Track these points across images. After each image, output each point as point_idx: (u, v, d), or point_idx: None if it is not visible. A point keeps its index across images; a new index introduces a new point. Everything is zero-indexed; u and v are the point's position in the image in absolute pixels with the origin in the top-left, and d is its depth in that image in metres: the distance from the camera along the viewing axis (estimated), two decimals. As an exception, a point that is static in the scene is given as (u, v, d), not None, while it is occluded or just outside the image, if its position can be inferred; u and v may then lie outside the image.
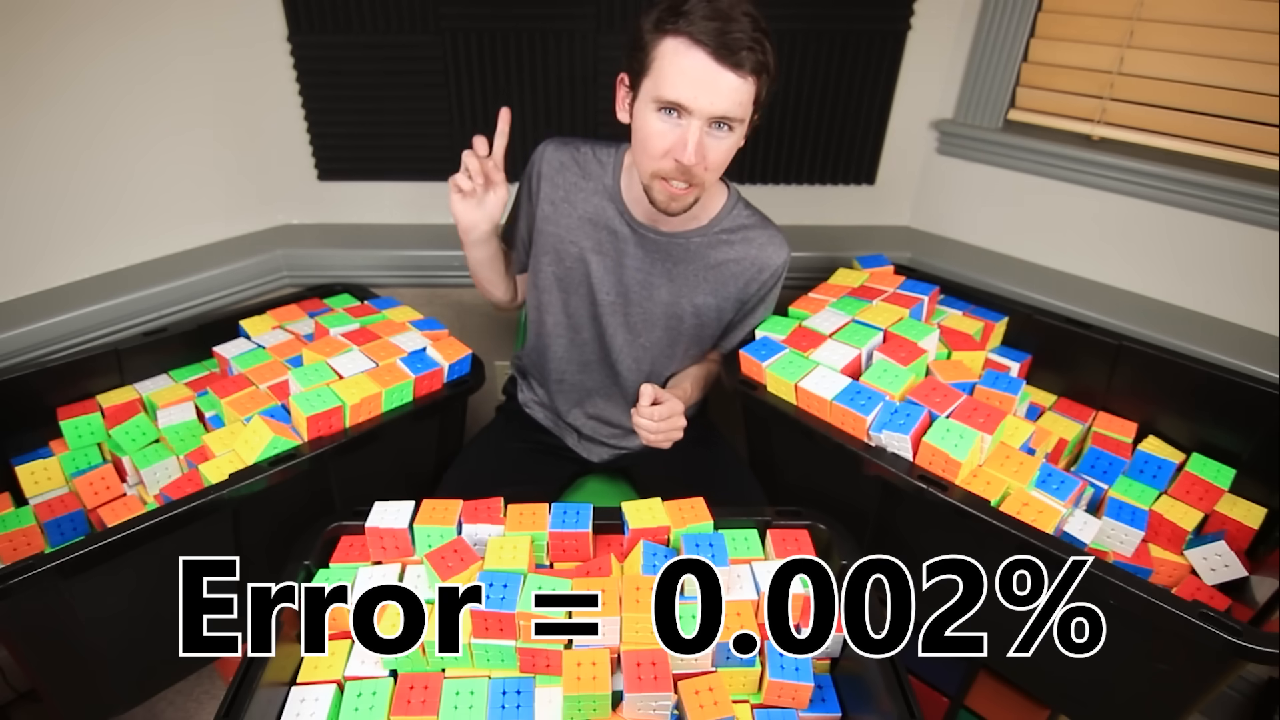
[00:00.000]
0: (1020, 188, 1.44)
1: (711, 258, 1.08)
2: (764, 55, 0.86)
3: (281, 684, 0.76)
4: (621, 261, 1.08)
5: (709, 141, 0.89)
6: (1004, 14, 1.36)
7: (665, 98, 0.87)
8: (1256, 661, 0.74)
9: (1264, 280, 1.23)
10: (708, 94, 0.85)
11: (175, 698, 1.41)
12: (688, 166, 0.89)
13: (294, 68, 1.42)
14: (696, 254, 1.07)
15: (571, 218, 1.07)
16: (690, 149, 0.87)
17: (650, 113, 0.89)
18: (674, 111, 0.88)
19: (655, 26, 0.87)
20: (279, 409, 1.08)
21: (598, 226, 1.06)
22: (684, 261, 1.07)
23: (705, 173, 0.92)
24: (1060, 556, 0.82)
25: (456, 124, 1.48)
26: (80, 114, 1.25)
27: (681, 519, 0.85)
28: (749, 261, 1.09)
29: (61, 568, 0.81)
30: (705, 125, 0.88)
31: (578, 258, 1.08)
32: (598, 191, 1.06)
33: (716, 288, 1.10)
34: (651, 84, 0.88)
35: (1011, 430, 0.98)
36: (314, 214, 1.59)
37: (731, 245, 1.08)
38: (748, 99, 0.88)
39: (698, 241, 1.07)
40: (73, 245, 1.32)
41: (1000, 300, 1.27)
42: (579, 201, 1.06)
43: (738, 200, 1.09)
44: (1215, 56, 1.22)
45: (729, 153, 0.92)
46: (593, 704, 0.73)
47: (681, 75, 0.85)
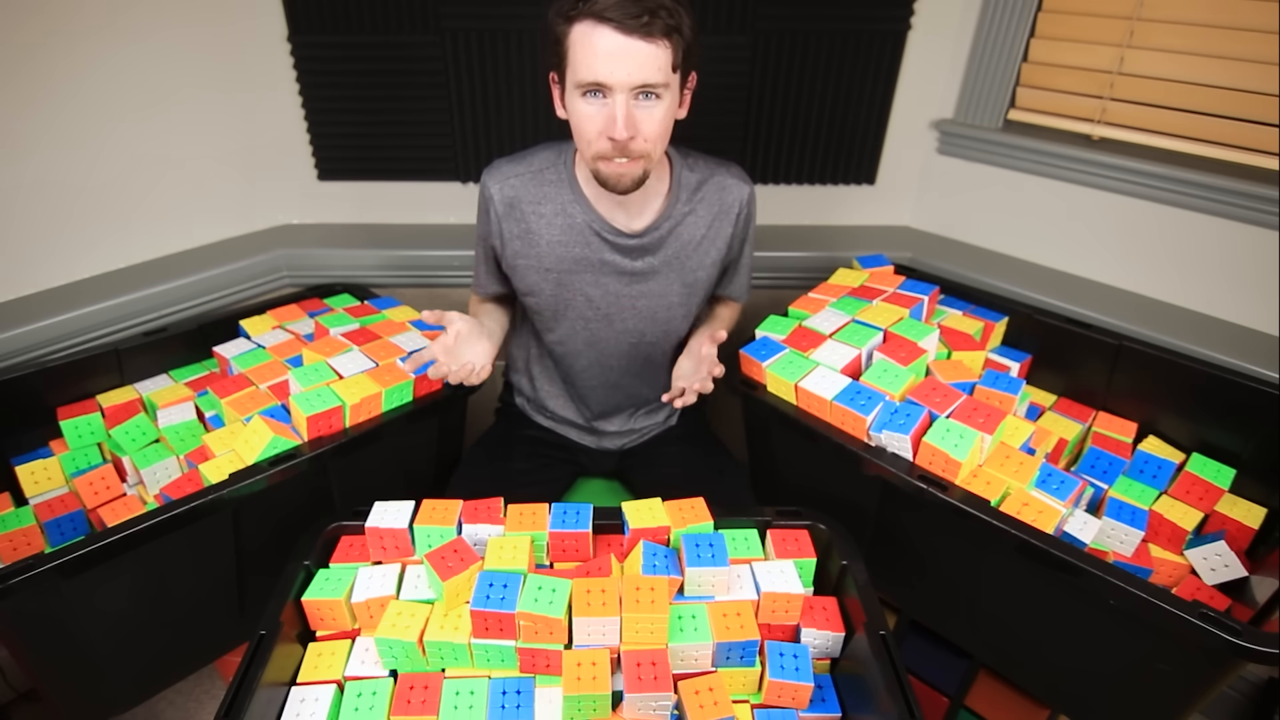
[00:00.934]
0: (1020, 188, 1.44)
1: (685, 236, 1.07)
2: (673, 18, 0.87)
3: (281, 684, 0.76)
4: (603, 271, 1.07)
5: (639, 114, 0.90)
6: (1004, 14, 1.36)
7: (584, 80, 0.88)
8: (1256, 661, 0.74)
9: (1264, 280, 1.23)
10: (623, 66, 0.86)
11: (175, 698, 1.41)
12: (623, 142, 0.90)
13: (294, 68, 1.42)
14: (673, 238, 1.07)
15: (541, 245, 1.06)
16: (620, 123, 0.88)
17: (577, 99, 0.91)
18: (598, 92, 0.89)
19: (563, 16, 0.88)
20: (279, 409, 1.08)
21: (572, 243, 1.05)
22: (662, 249, 1.07)
23: (645, 144, 0.92)
24: (1060, 557, 0.82)
25: (456, 124, 1.48)
26: (80, 114, 1.25)
27: (681, 519, 0.85)
28: (720, 213, 1.08)
29: (61, 568, 0.81)
30: (631, 98, 0.89)
31: (558, 282, 1.08)
32: (560, 212, 1.05)
33: (701, 259, 1.10)
34: (572, 71, 0.90)
35: (1011, 430, 0.98)
36: (314, 214, 1.59)
37: (698, 214, 1.07)
38: (665, 64, 0.88)
39: (668, 226, 1.06)
40: (73, 245, 1.32)
41: (1000, 300, 1.27)
42: (543, 229, 1.05)
43: (682, 163, 1.07)
44: (1215, 56, 1.22)
45: (664, 122, 0.93)
46: (593, 704, 0.73)
47: (594, 55, 0.86)
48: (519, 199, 1.05)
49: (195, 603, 1.00)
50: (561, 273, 1.07)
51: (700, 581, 0.80)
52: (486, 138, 1.50)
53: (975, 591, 0.98)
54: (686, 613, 0.78)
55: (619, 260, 1.06)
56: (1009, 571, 0.91)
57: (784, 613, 0.81)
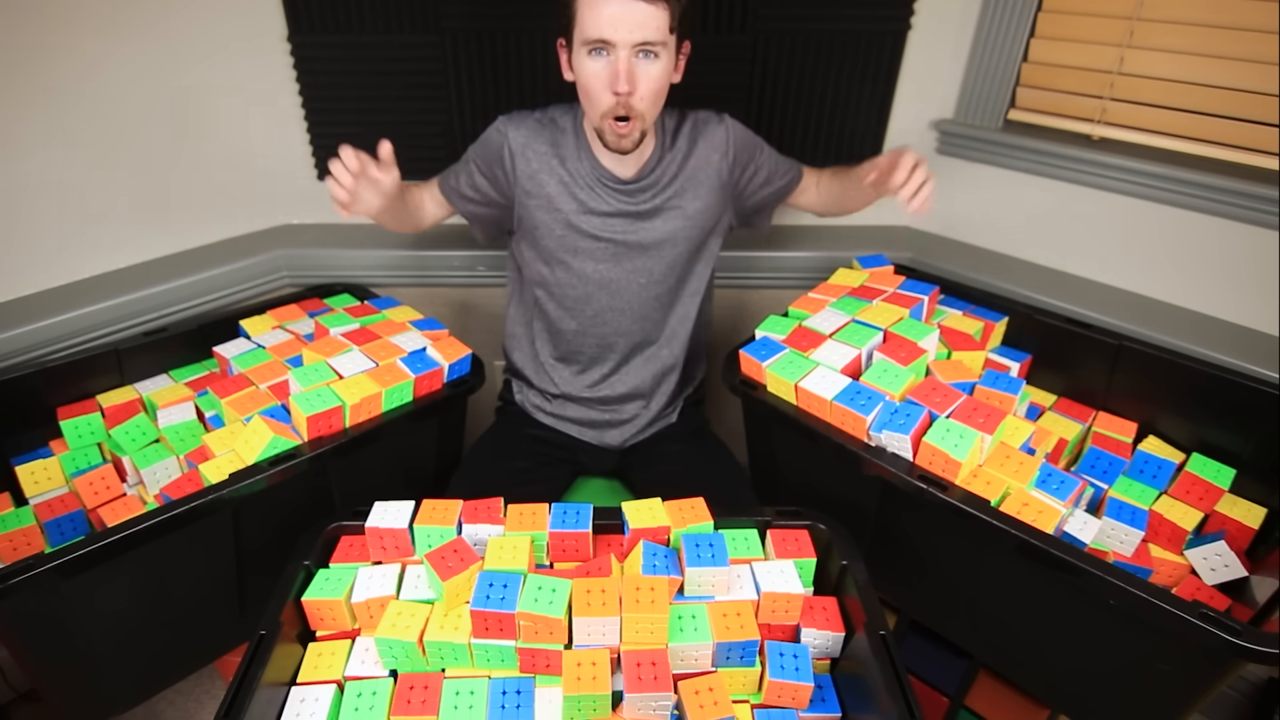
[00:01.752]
0: (1020, 188, 1.44)
1: (673, 169, 1.15)
2: None
3: (281, 684, 0.76)
4: (609, 214, 1.14)
5: (639, 69, 0.99)
6: (1004, 14, 1.36)
7: (590, 36, 0.97)
8: (1256, 661, 0.74)
9: (1264, 280, 1.23)
10: (625, 24, 0.95)
11: (175, 698, 1.41)
12: (625, 96, 0.99)
13: (294, 68, 1.42)
14: (667, 175, 1.15)
15: (552, 185, 1.13)
16: (622, 76, 0.97)
17: (584, 57, 1.00)
18: (602, 50, 0.98)
19: None
20: (279, 409, 1.08)
21: (578, 186, 1.13)
22: (659, 186, 1.14)
23: (642, 102, 1.01)
24: (1060, 557, 0.82)
25: (456, 124, 1.48)
26: (80, 114, 1.25)
27: (681, 519, 0.85)
28: (702, 145, 1.15)
29: (61, 568, 0.81)
30: (632, 54, 0.97)
31: (567, 222, 1.14)
32: (570, 157, 1.13)
33: (697, 189, 1.16)
34: (579, 30, 0.99)
35: (1011, 430, 0.98)
36: (314, 214, 1.59)
37: (680, 148, 1.15)
38: (663, 24, 0.97)
39: (661, 167, 1.14)
40: (73, 245, 1.32)
41: (1000, 300, 1.27)
42: (555, 168, 1.13)
43: (661, 119, 1.14)
44: (1215, 56, 1.22)
45: (660, 80, 1.01)
46: (593, 704, 0.73)
47: (599, 15, 0.95)
48: (531, 142, 1.13)
49: (195, 603, 1.00)
50: (569, 212, 1.14)
51: (700, 581, 0.80)
52: (486, 138, 1.49)
53: (975, 591, 0.98)
54: (686, 613, 0.78)
55: (622, 202, 1.14)
56: (1009, 571, 0.91)
57: (784, 613, 0.81)
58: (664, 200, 1.15)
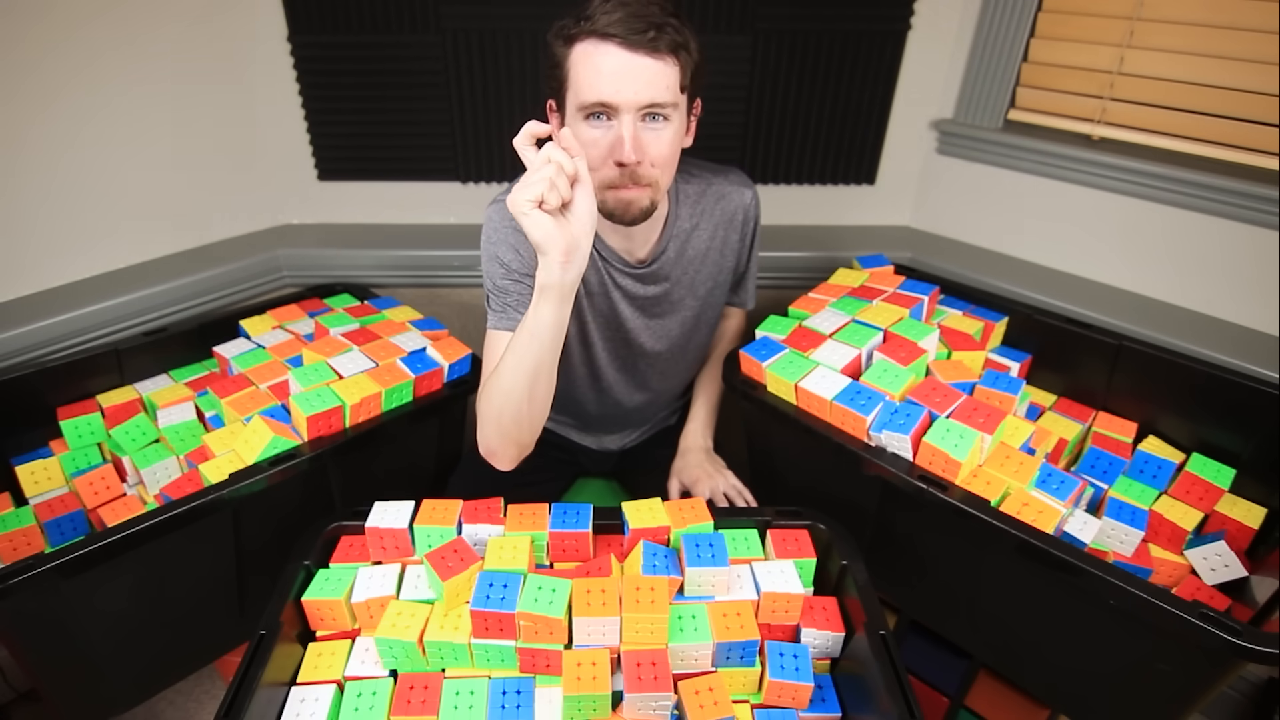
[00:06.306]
0: (1020, 188, 1.44)
1: (690, 253, 1.04)
2: (679, 35, 0.82)
3: (281, 684, 0.76)
4: (617, 299, 1.04)
5: (646, 136, 0.85)
6: (1004, 14, 1.36)
7: (588, 101, 0.83)
8: (1256, 661, 0.74)
9: (1264, 280, 1.23)
10: (630, 84, 0.81)
11: (175, 698, 1.41)
12: (632, 167, 0.85)
13: (294, 68, 1.42)
14: (681, 259, 1.04)
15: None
16: (628, 145, 0.83)
17: (580, 124, 0.85)
18: (602, 115, 0.84)
19: (562, 37, 0.84)
20: (279, 409, 1.08)
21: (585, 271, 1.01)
22: (672, 271, 1.05)
23: (653, 170, 0.87)
24: (1060, 557, 0.82)
25: (456, 124, 1.48)
26: (80, 113, 1.25)
27: (681, 519, 0.85)
28: (723, 222, 1.05)
29: (61, 568, 0.81)
30: (637, 119, 0.83)
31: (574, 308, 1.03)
32: None
33: (712, 271, 1.08)
34: (574, 94, 0.84)
35: (1011, 430, 0.98)
36: (314, 214, 1.59)
37: (701, 229, 1.04)
38: (673, 82, 0.84)
39: (674, 248, 1.03)
40: (73, 245, 1.32)
41: (1000, 300, 1.27)
42: None
43: (678, 174, 1.00)
44: (1215, 56, 1.22)
45: (672, 145, 0.88)
46: (593, 704, 0.73)
47: (598, 74, 0.81)
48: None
49: (195, 603, 1.00)
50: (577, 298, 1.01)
51: (700, 581, 0.80)
52: (486, 138, 1.50)
53: (975, 591, 0.98)
54: (686, 613, 0.78)
55: (631, 286, 1.03)
56: (1009, 571, 0.91)
57: (784, 613, 0.81)
58: (675, 283, 1.04)
